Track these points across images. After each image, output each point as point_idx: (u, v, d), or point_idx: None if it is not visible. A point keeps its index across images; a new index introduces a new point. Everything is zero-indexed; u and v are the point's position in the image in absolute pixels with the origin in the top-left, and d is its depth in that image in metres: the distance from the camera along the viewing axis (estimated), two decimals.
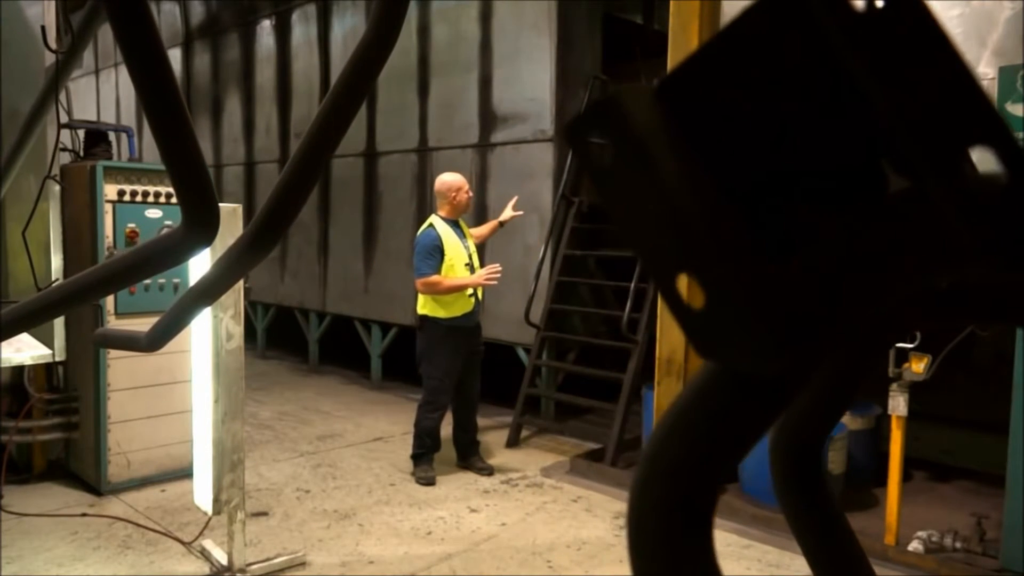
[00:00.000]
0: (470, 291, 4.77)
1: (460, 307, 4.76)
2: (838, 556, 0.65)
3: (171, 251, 1.01)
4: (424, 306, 4.84)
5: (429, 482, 4.82)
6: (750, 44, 0.33)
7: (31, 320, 1.19)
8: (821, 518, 0.66)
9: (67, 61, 1.93)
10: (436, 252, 4.69)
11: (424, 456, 4.92)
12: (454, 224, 4.85)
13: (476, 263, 4.87)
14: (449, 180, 4.88)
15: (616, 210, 0.37)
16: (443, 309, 4.76)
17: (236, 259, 1.06)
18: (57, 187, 4.45)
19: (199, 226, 0.95)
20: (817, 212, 0.34)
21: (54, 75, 1.95)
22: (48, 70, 2.18)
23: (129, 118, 11.97)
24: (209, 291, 1.20)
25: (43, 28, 2.82)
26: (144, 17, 0.84)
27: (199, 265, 2.96)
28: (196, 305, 1.26)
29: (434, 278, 4.67)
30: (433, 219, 4.85)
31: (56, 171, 4.13)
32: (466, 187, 4.88)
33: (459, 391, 5.02)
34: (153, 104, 0.88)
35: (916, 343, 3.63)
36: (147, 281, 4.41)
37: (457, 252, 4.76)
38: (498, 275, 4.65)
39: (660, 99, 0.35)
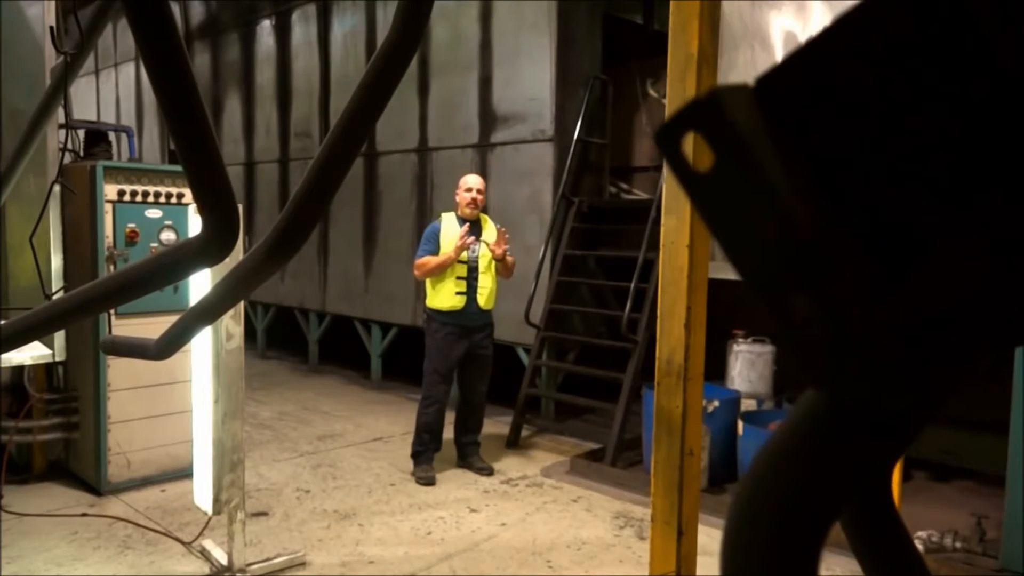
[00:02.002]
0: (460, 289, 4.76)
1: (447, 301, 4.78)
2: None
3: (191, 260, 0.98)
4: (426, 297, 4.95)
5: (428, 482, 4.82)
6: (868, 36, 0.30)
7: (46, 327, 1.17)
8: (890, 543, 0.60)
9: (74, 61, 1.92)
10: (432, 239, 4.84)
11: (423, 454, 4.92)
12: (469, 223, 4.85)
13: (481, 265, 4.83)
14: (462, 178, 4.99)
15: (714, 221, 0.33)
16: (435, 301, 4.84)
17: (254, 268, 1.03)
18: (57, 187, 4.45)
19: (219, 235, 0.92)
20: (941, 219, 0.30)
21: (60, 75, 1.95)
22: (53, 70, 2.17)
23: (129, 118, 11.97)
24: (220, 305, 1.18)
25: (52, 29, 2.82)
26: (167, 24, 0.82)
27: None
28: (208, 315, 1.24)
29: (422, 259, 4.81)
30: (444, 214, 4.97)
31: (59, 172, 4.13)
32: (467, 187, 4.88)
33: (462, 391, 5.03)
34: (173, 111, 0.86)
35: None
36: None
37: (454, 247, 4.76)
38: (468, 241, 4.61)
39: (759, 97, 0.32)
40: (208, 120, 0.88)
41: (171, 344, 1.33)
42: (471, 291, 4.79)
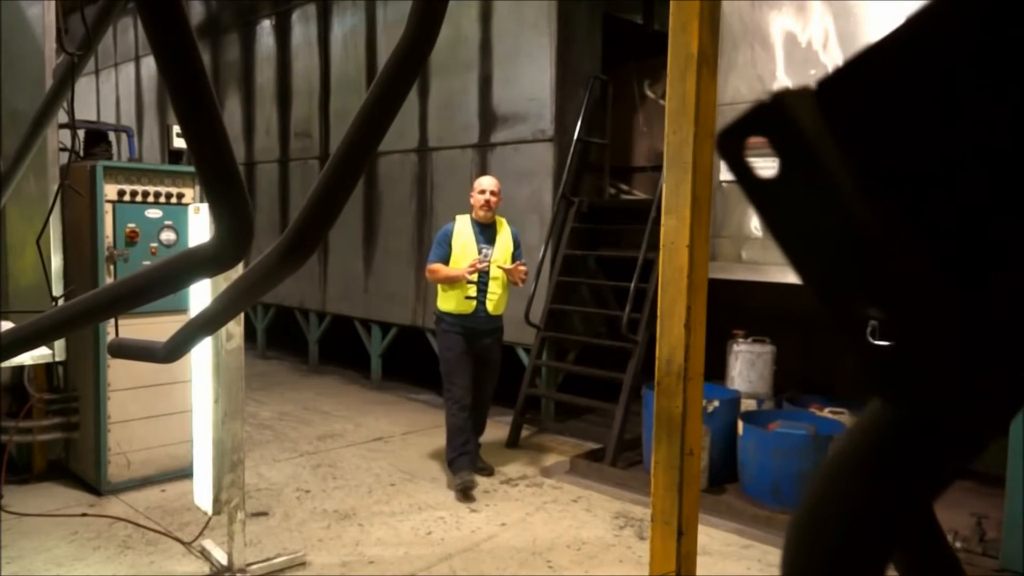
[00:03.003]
0: (470, 294, 4.74)
1: (456, 305, 4.74)
2: None
3: (204, 265, 0.97)
4: (437, 298, 4.93)
5: (468, 487, 4.57)
6: (936, 38, 0.28)
7: (56, 332, 1.17)
8: (928, 547, 0.57)
9: (79, 61, 1.91)
10: (444, 242, 4.79)
11: (459, 460, 4.67)
12: (483, 226, 4.82)
13: (493, 272, 4.76)
14: (477, 180, 4.94)
15: (778, 227, 0.32)
16: (445, 303, 4.80)
17: (262, 276, 1.02)
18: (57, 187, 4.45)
19: (233, 239, 0.91)
20: (1017, 225, 0.28)
21: (63, 76, 1.95)
22: (55, 71, 2.17)
23: (129, 118, 11.97)
24: (225, 312, 1.18)
25: (58, 29, 2.81)
26: (179, 21, 0.81)
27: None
28: (214, 322, 1.23)
29: (433, 266, 4.77)
30: (459, 216, 4.91)
31: (60, 173, 4.13)
32: (481, 188, 4.79)
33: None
34: (186, 113, 0.84)
35: None
36: None
37: (466, 251, 4.74)
38: (481, 266, 4.63)
39: (821, 100, 0.31)
40: (222, 123, 0.87)
41: (178, 348, 1.34)
42: (481, 295, 4.76)
